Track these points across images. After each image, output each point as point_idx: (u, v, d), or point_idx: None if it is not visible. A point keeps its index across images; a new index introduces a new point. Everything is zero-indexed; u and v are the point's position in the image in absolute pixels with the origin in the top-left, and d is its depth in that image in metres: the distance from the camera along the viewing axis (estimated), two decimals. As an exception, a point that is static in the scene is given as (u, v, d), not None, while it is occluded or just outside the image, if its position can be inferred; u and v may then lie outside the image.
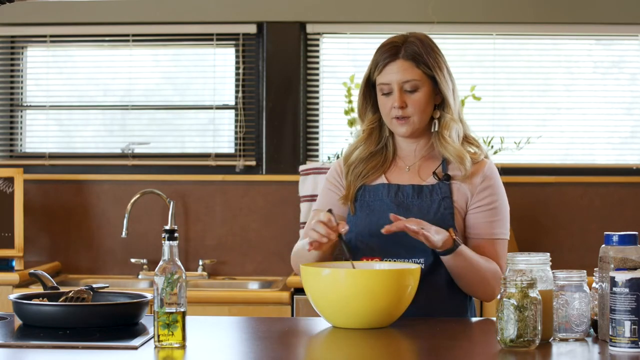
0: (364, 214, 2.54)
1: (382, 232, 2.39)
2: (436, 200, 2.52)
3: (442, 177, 2.54)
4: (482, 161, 2.58)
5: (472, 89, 4.41)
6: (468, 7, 4.54)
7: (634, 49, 4.64)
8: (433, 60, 2.55)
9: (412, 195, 2.53)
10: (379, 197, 2.55)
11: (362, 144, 2.61)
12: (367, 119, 2.61)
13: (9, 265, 4.21)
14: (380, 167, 2.60)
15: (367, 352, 2.12)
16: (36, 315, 2.25)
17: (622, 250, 2.11)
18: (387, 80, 2.52)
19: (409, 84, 2.52)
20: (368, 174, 2.59)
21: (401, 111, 2.51)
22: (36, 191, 4.53)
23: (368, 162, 2.60)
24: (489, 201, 2.54)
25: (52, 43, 4.65)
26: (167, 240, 2.08)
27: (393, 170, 2.61)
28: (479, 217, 2.53)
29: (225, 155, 4.62)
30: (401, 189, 2.55)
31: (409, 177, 2.58)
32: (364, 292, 2.23)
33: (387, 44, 2.55)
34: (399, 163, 2.62)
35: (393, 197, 2.54)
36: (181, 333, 2.04)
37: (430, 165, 2.59)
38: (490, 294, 2.52)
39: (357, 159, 2.60)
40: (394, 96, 2.52)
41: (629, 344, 1.98)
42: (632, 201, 4.51)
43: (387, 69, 2.52)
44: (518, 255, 2.16)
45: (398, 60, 2.52)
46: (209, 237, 4.52)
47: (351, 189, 2.58)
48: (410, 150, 2.61)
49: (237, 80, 4.61)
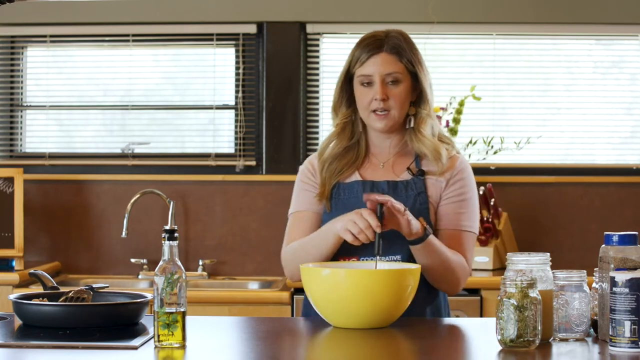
0: (339, 211, 2.52)
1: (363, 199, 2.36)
2: (411, 196, 2.53)
3: (416, 172, 2.56)
4: (454, 156, 2.61)
5: (472, 89, 4.41)
6: (468, 7, 4.54)
7: (634, 49, 4.64)
8: (414, 56, 2.56)
9: (387, 191, 2.53)
10: (354, 194, 2.55)
11: (335, 138, 2.61)
12: (341, 113, 2.61)
13: (9, 265, 4.21)
14: (353, 163, 2.60)
15: (367, 352, 2.12)
16: (36, 315, 2.25)
17: (622, 250, 2.11)
18: (370, 72, 2.52)
19: (391, 77, 2.52)
20: (342, 170, 2.58)
21: (382, 103, 2.52)
22: (36, 191, 4.53)
23: (342, 158, 2.59)
24: (459, 192, 2.56)
25: (52, 43, 4.65)
26: (167, 240, 2.08)
27: (367, 167, 2.61)
28: (448, 208, 2.53)
29: (225, 155, 4.62)
30: (376, 185, 2.55)
31: (383, 173, 2.59)
32: (364, 292, 2.23)
33: (369, 38, 2.56)
34: (372, 159, 2.62)
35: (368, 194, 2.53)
36: (181, 333, 2.04)
37: (403, 161, 2.60)
38: (455, 285, 2.52)
39: (330, 154, 2.59)
40: (375, 88, 2.52)
41: (629, 344, 1.98)
42: (632, 201, 4.51)
43: (371, 61, 2.52)
44: (518, 255, 2.16)
45: (382, 53, 2.53)
46: (209, 237, 4.52)
47: (326, 186, 2.57)
48: (384, 147, 2.61)
49: (237, 80, 4.61)
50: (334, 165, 2.59)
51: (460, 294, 3.96)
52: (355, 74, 2.56)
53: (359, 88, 2.55)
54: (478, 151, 4.43)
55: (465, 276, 2.52)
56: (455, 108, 4.39)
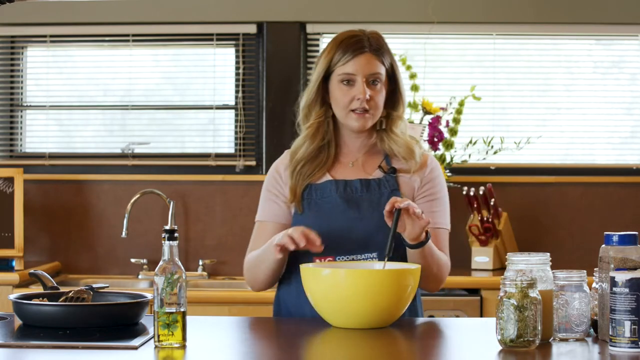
0: (313, 212, 2.53)
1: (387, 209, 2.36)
2: (385, 193, 2.53)
3: (387, 170, 2.56)
4: (424, 154, 2.62)
5: (472, 89, 4.41)
6: (468, 7, 4.54)
7: (634, 49, 4.64)
8: (392, 59, 2.59)
9: (361, 189, 2.54)
10: (326, 194, 2.54)
11: (308, 139, 2.60)
12: (315, 113, 2.60)
13: (9, 265, 4.21)
14: (324, 164, 2.59)
15: (367, 352, 2.12)
16: (36, 315, 2.25)
17: (622, 250, 2.11)
18: (353, 70, 2.52)
19: (373, 77, 2.53)
20: (314, 172, 2.57)
21: (365, 103, 2.52)
22: (36, 191, 4.53)
23: (314, 160, 2.58)
24: (433, 192, 2.57)
25: (52, 43, 4.65)
26: (167, 240, 2.08)
27: (337, 167, 2.60)
28: (423, 207, 2.53)
29: (225, 155, 4.62)
30: (349, 184, 2.55)
31: (354, 172, 2.59)
32: (364, 292, 2.23)
33: (350, 37, 2.55)
34: (341, 160, 2.62)
35: (342, 193, 2.53)
36: (181, 333, 2.04)
37: (373, 160, 2.60)
38: (440, 283, 2.55)
39: (303, 156, 2.58)
40: (357, 88, 2.52)
41: (629, 344, 1.98)
42: (632, 201, 4.51)
43: (355, 60, 2.52)
44: (518, 255, 2.16)
45: (366, 53, 2.53)
46: (209, 237, 4.52)
47: (297, 190, 2.56)
48: (353, 146, 2.61)
49: (237, 80, 4.61)
50: (306, 168, 2.58)
51: (460, 294, 3.96)
52: (336, 72, 2.55)
53: (339, 86, 2.54)
54: (478, 151, 4.43)
55: (448, 273, 2.56)
56: (455, 108, 4.39)
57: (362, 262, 2.47)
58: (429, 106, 4.34)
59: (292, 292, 2.55)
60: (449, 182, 4.34)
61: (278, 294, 2.62)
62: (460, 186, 4.35)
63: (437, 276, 2.52)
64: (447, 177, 4.30)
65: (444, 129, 4.34)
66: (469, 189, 4.29)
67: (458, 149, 4.40)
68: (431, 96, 4.41)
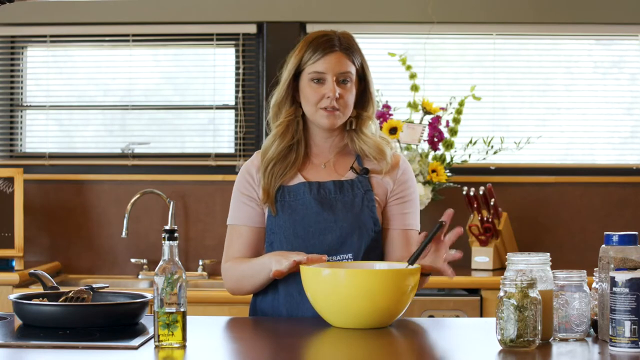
0: (287, 215, 2.53)
1: (444, 218, 2.38)
2: (359, 195, 2.54)
3: (360, 171, 2.56)
4: (395, 155, 2.62)
5: (472, 89, 4.41)
6: (468, 7, 4.54)
7: (634, 49, 4.64)
8: (363, 59, 2.59)
9: (335, 191, 2.54)
10: (300, 196, 2.54)
11: (278, 138, 2.59)
12: (285, 111, 2.59)
13: (9, 265, 4.21)
14: (294, 164, 2.58)
15: (367, 352, 2.12)
16: (36, 315, 2.25)
17: (622, 250, 2.11)
18: (323, 69, 2.52)
19: (344, 76, 2.53)
20: (285, 172, 2.57)
21: (335, 102, 2.52)
22: (36, 191, 4.53)
23: (284, 159, 2.58)
24: (405, 194, 2.58)
25: (52, 43, 4.65)
26: (167, 240, 2.08)
27: (309, 168, 2.60)
28: (395, 209, 2.56)
29: (225, 155, 4.62)
30: (322, 186, 2.55)
31: (327, 173, 2.59)
32: (364, 292, 2.23)
33: (322, 36, 2.56)
34: (313, 160, 2.61)
35: (315, 195, 2.53)
36: (181, 333, 2.05)
37: (345, 161, 2.60)
38: None
39: (273, 155, 2.57)
40: (327, 86, 2.52)
41: (629, 344, 1.98)
42: (632, 201, 4.51)
43: (325, 58, 2.52)
44: (518, 255, 2.16)
45: (336, 51, 2.53)
46: (209, 237, 4.52)
47: (270, 190, 2.56)
48: (324, 147, 2.61)
49: (237, 80, 4.61)
50: (277, 168, 2.57)
51: (460, 294, 3.96)
52: (306, 71, 2.55)
53: (309, 84, 2.54)
54: (478, 151, 4.43)
55: None
56: (455, 108, 4.38)
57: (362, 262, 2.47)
58: (429, 106, 4.33)
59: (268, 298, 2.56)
60: (449, 182, 4.35)
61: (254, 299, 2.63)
62: (460, 186, 4.35)
63: None
64: (447, 177, 4.31)
65: (444, 129, 4.34)
66: (469, 189, 4.29)
67: (458, 149, 4.40)
68: (431, 96, 4.41)
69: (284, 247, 2.53)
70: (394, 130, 4.25)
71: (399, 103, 4.41)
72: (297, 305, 2.50)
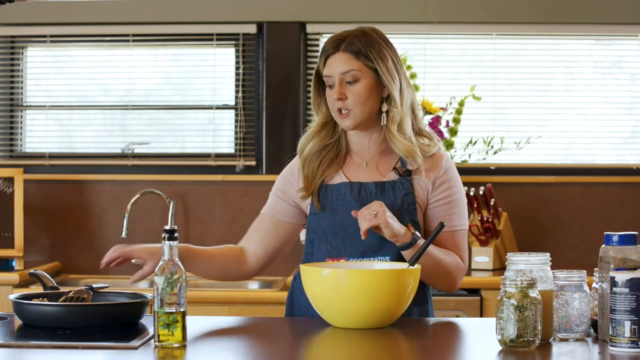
0: (327, 213, 2.53)
1: (362, 238, 2.39)
2: (399, 197, 2.51)
3: (402, 172, 2.54)
4: (437, 154, 2.56)
5: (472, 89, 4.41)
6: (468, 7, 4.54)
7: (634, 49, 4.64)
8: (376, 52, 2.51)
9: (376, 192, 2.52)
10: (341, 197, 2.53)
11: (315, 136, 2.59)
12: (322, 112, 2.59)
13: (9, 265, 4.21)
14: (334, 160, 2.58)
15: (367, 352, 2.12)
16: (36, 315, 2.25)
17: (622, 250, 2.11)
18: (329, 72, 2.52)
19: (349, 75, 2.50)
20: (324, 167, 2.56)
21: (341, 103, 2.50)
22: (36, 191, 4.53)
23: (321, 155, 2.57)
24: (448, 194, 2.54)
25: (52, 43, 4.65)
26: (167, 240, 2.08)
27: (350, 166, 2.59)
28: (438, 211, 2.53)
29: (225, 155, 4.62)
30: (364, 187, 2.53)
31: (368, 173, 2.57)
32: (364, 292, 2.23)
33: (330, 39, 2.55)
34: (354, 158, 2.60)
35: (356, 196, 2.52)
36: (181, 333, 2.04)
37: (388, 160, 2.57)
38: (451, 284, 2.54)
39: (310, 152, 2.57)
40: (335, 88, 2.51)
41: (629, 344, 1.98)
42: (632, 201, 4.51)
43: (329, 61, 2.52)
44: (518, 255, 2.16)
45: (339, 52, 2.51)
46: (209, 237, 4.52)
47: (311, 184, 2.56)
48: (363, 145, 2.59)
49: (237, 80, 4.61)
50: (315, 163, 2.57)
51: (460, 294, 3.96)
52: (322, 75, 2.56)
53: (327, 89, 2.55)
54: (478, 151, 4.43)
55: (462, 274, 2.54)
56: (455, 108, 4.39)
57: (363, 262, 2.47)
58: (429, 106, 4.34)
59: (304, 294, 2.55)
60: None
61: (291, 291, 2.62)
62: (460, 186, 4.35)
63: (440, 278, 2.50)
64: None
65: (444, 129, 4.34)
66: (469, 189, 4.29)
67: (458, 149, 4.40)
68: (431, 96, 4.41)
69: (322, 246, 2.52)
70: (394, 130, 4.25)
71: (399, 103, 4.40)
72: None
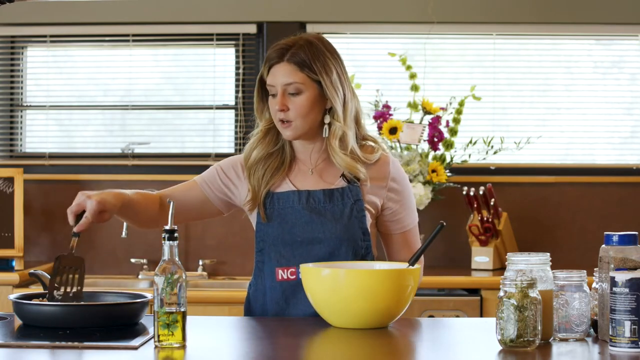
0: (276, 223, 2.51)
1: None
2: (348, 204, 2.50)
3: (350, 179, 2.52)
4: (382, 159, 2.55)
5: (472, 89, 4.41)
6: (468, 7, 4.54)
7: (634, 49, 4.64)
8: (321, 65, 2.47)
9: (324, 200, 2.51)
10: (289, 205, 2.52)
11: (259, 143, 2.57)
12: (265, 119, 2.57)
13: (9, 265, 4.21)
14: (280, 168, 2.56)
15: (367, 352, 2.12)
16: (36, 315, 2.25)
17: (622, 250, 2.11)
18: (272, 82, 2.49)
19: (291, 87, 2.47)
20: (270, 176, 2.54)
21: (283, 114, 2.48)
22: (36, 191, 4.53)
23: (266, 163, 2.55)
24: (399, 198, 2.54)
25: (52, 43, 4.65)
26: (167, 240, 2.09)
27: (296, 174, 2.57)
28: (392, 216, 2.55)
29: (225, 155, 4.59)
30: (312, 195, 2.52)
31: (315, 181, 2.55)
32: (364, 292, 2.23)
33: (276, 46, 2.51)
34: (300, 166, 2.58)
35: (305, 204, 2.51)
36: (181, 333, 2.04)
37: (333, 168, 2.55)
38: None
39: (255, 159, 2.55)
40: (277, 98, 2.49)
41: (629, 344, 1.98)
42: (632, 201, 4.51)
43: (273, 70, 2.49)
44: (518, 255, 2.16)
45: (282, 63, 2.47)
46: (209, 237, 4.52)
47: (258, 195, 2.53)
48: (308, 153, 2.57)
49: (237, 80, 4.61)
50: (260, 171, 2.54)
51: (460, 294, 3.96)
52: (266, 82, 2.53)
53: (270, 97, 2.53)
54: (478, 151, 4.43)
55: (421, 265, 2.52)
56: (455, 108, 4.38)
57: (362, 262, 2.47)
58: (429, 106, 4.34)
59: (259, 293, 2.56)
60: (449, 182, 4.35)
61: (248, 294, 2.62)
62: (460, 186, 4.35)
63: None
64: (447, 177, 4.31)
65: (444, 129, 4.34)
66: (469, 189, 4.29)
67: (458, 149, 4.40)
68: (431, 96, 4.41)
69: (272, 255, 2.51)
70: (394, 130, 4.25)
71: (399, 103, 4.41)
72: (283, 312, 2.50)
